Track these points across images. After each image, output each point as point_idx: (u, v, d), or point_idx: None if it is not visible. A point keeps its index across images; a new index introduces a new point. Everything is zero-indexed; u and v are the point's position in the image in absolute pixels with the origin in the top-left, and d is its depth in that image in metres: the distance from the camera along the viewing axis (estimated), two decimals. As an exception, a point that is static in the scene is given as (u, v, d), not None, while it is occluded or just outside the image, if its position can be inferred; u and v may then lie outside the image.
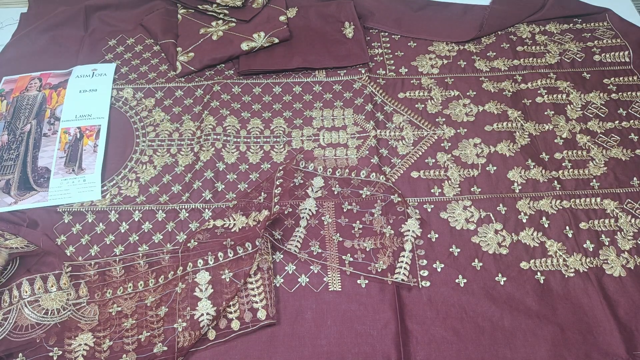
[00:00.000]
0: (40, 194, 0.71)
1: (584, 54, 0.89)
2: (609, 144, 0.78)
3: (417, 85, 0.85)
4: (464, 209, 0.71)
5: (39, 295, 0.62)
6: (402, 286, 0.65)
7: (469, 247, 0.68)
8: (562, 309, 0.63)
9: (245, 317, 0.61)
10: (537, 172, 0.75)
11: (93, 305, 0.62)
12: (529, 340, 0.61)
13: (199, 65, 0.85)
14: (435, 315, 0.62)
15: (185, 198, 0.72)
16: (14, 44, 0.90)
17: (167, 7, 0.95)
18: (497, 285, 0.65)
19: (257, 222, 0.66)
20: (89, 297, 0.63)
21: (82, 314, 0.61)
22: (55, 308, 0.61)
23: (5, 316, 0.60)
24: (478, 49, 0.91)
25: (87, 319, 0.61)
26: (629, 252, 0.67)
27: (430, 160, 0.76)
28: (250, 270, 0.63)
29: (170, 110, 0.82)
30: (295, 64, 0.86)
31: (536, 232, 0.69)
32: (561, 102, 0.83)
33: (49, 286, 0.62)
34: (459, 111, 0.82)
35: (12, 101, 0.81)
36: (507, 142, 0.78)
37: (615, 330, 0.60)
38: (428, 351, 0.60)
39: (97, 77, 0.85)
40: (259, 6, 0.92)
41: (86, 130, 0.78)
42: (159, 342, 0.59)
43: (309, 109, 0.82)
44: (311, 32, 0.91)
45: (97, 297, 0.63)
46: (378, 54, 0.90)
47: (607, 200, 0.72)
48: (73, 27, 0.93)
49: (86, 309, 0.62)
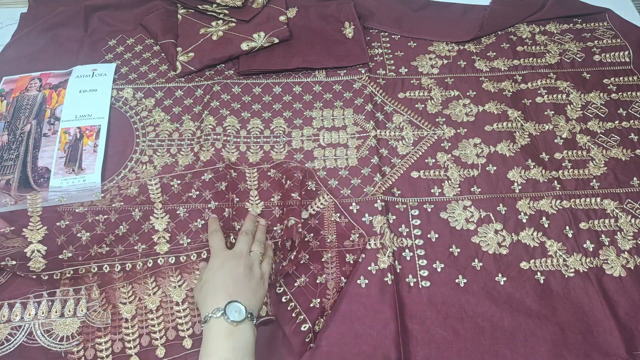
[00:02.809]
0: (40, 194, 0.71)
1: (584, 54, 0.89)
2: (609, 144, 0.78)
3: (417, 85, 0.85)
4: (464, 209, 0.71)
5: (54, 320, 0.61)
6: (402, 286, 0.65)
7: (469, 247, 0.68)
8: (562, 309, 0.63)
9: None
10: (537, 172, 0.75)
11: (106, 307, 0.62)
12: (529, 340, 0.61)
13: (199, 65, 0.85)
14: (435, 315, 0.62)
15: (185, 198, 0.72)
16: (14, 44, 0.90)
17: (167, 7, 0.95)
18: (497, 285, 0.65)
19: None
20: (101, 299, 0.63)
21: (95, 317, 0.61)
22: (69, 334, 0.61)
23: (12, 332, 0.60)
24: (478, 49, 0.91)
25: (101, 321, 0.61)
26: (629, 252, 0.67)
27: (430, 160, 0.76)
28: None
29: (170, 110, 0.82)
30: (295, 64, 0.86)
31: (536, 232, 0.69)
32: (561, 102, 0.83)
33: (66, 311, 0.62)
34: (459, 111, 0.82)
35: (12, 101, 0.81)
36: (507, 142, 0.78)
37: (615, 330, 0.61)
38: (428, 351, 0.60)
39: (97, 77, 0.85)
40: (259, 6, 0.92)
41: (86, 130, 0.78)
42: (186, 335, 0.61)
43: (309, 109, 0.82)
44: (311, 32, 0.91)
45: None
46: (378, 54, 0.90)
47: (607, 200, 0.72)
48: (73, 27, 0.92)
49: (99, 312, 0.62)
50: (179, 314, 0.62)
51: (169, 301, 0.63)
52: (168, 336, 0.60)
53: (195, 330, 0.61)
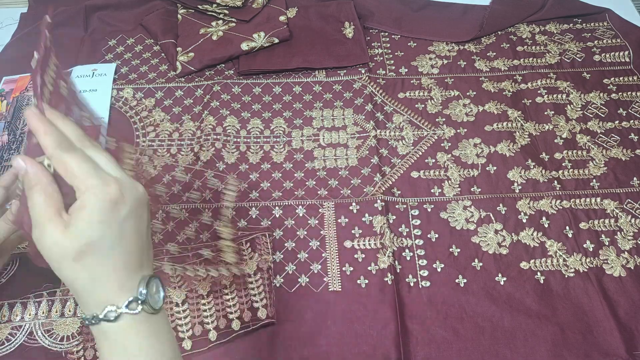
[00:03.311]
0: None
1: (584, 54, 0.89)
2: (609, 144, 0.78)
3: (417, 85, 0.85)
4: (464, 209, 0.71)
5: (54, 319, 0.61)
6: (402, 286, 0.65)
7: (469, 247, 0.68)
8: (562, 309, 0.63)
9: (244, 317, 0.61)
10: (537, 172, 0.75)
11: None
12: (529, 340, 0.61)
13: (199, 65, 0.85)
14: (435, 315, 0.62)
15: (185, 198, 0.72)
16: (14, 44, 0.90)
17: (167, 7, 0.95)
18: (497, 285, 0.65)
19: None
20: None
21: None
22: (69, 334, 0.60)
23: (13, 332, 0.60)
24: (478, 49, 0.91)
25: None
26: (629, 252, 0.67)
27: (430, 160, 0.76)
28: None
29: (170, 110, 0.82)
30: (295, 64, 0.86)
31: (536, 232, 0.69)
32: (561, 102, 0.83)
33: (66, 310, 0.62)
34: (459, 111, 0.82)
35: (12, 101, 0.81)
36: (507, 142, 0.78)
37: (615, 330, 0.60)
38: (428, 351, 0.60)
39: (97, 77, 0.85)
40: (259, 6, 0.92)
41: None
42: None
43: (309, 109, 0.82)
44: (311, 32, 0.91)
45: None
46: (378, 54, 0.90)
47: (607, 200, 0.72)
48: (73, 27, 0.92)
49: None
50: (179, 315, 0.62)
51: (168, 302, 0.62)
52: (168, 336, 0.60)
53: (194, 332, 0.61)
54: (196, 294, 0.63)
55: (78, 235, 0.31)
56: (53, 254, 0.32)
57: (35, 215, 0.32)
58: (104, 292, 0.33)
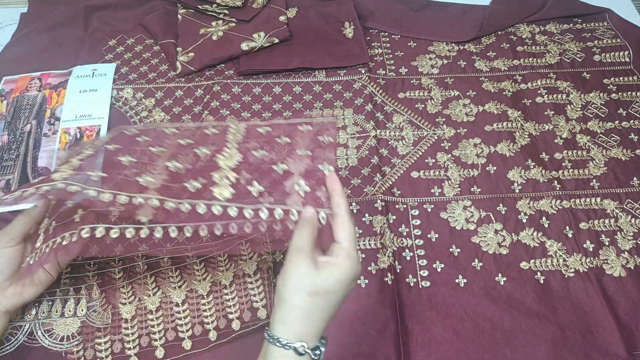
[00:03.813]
0: (40, 194, 0.71)
1: (584, 54, 0.89)
2: (609, 144, 0.78)
3: (417, 85, 0.85)
4: (464, 209, 0.71)
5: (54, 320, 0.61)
6: (402, 286, 0.65)
7: (469, 247, 0.68)
8: (562, 309, 0.63)
9: (244, 317, 0.61)
10: (537, 172, 0.75)
11: (106, 307, 0.62)
12: (529, 340, 0.61)
13: (199, 65, 0.85)
14: (435, 315, 0.62)
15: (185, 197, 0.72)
16: (14, 44, 0.90)
17: (167, 7, 0.95)
18: (497, 285, 0.65)
19: None
20: (101, 299, 0.62)
21: (95, 317, 0.61)
22: (69, 334, 0.61)
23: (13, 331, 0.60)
24: (478, 49, 0.91)
25: (101, 322, 0.61)
26: (629, 252, 0.67)
27: (430, 160, 0.76)
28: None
29: (170, 110, 0.82)
30: (295, 64, 0.86)
31: (536, 232, 0.69)
32: (561, 102, 0.83)
33: (66, 310, 0.62)
34: (459, 111, 0.82)
35: (12, 101, 0.81)
36: (507, 142, 0.78)
37: (615, 330, 0.61)
38: (428, 351, 0.60)
39: (97, 77, 0.85)
40: (259, 6, 0.92)
41: (86, 130, 0.78)
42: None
43: (309, 109, 0.82)
44: (311, 32, 0.91)
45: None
46: (378, 54, 0.90)
47: (607, 200, 0.72)
48: (73, 27, 0.93)
49: (99, 312, 0.61)
50: (179, 315, 0.62)
51: (168, 302, 0.63)
52: (167, 337, 0.60)
53: (194, 332, 0.61)
54: (196, 294, 0.63)
55: (324, 280, 0.41)
56: (299, 277, 0.41)
57: (299, 240, 0.43)
58: (304, 329, 0.40)
